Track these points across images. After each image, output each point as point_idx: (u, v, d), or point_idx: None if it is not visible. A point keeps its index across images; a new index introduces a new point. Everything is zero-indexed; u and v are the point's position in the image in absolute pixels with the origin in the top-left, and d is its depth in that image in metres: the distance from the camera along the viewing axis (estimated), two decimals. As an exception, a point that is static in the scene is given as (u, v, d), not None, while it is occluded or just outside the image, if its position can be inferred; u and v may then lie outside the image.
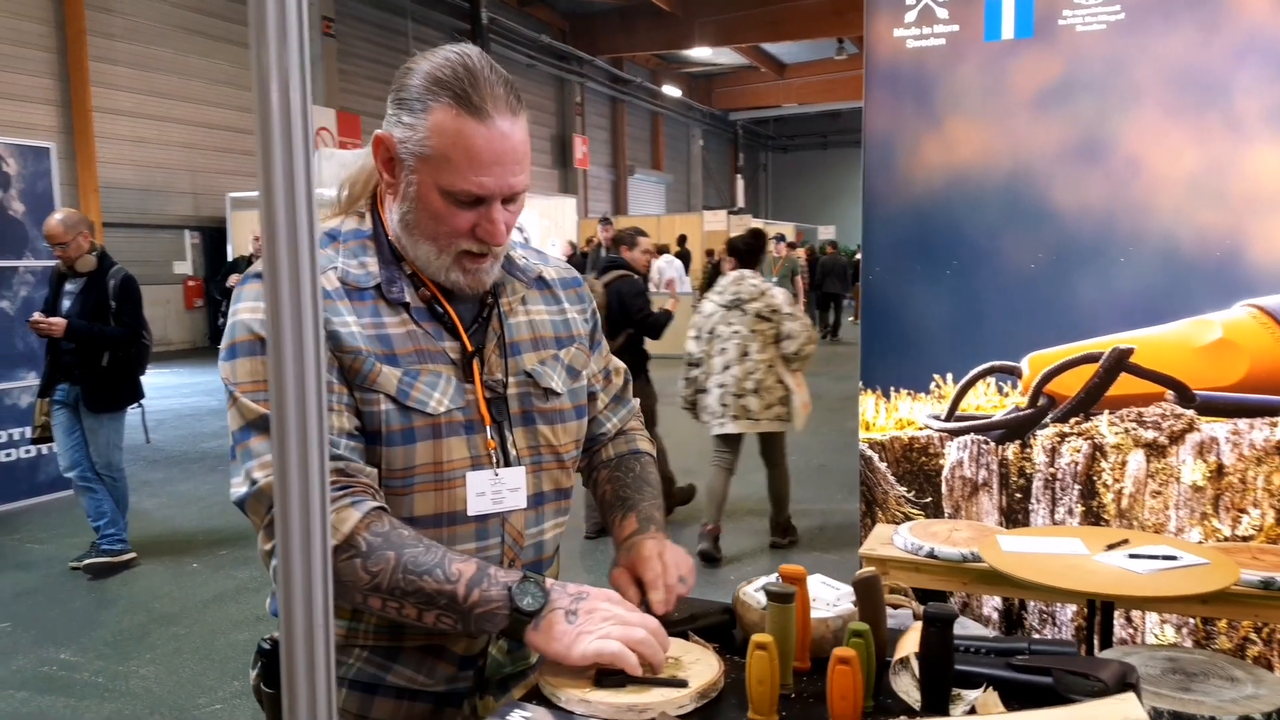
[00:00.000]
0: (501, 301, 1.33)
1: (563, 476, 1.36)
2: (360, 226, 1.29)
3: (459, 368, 1.26)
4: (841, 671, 1.01)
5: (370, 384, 1.19)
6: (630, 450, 1.52)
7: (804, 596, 1.16)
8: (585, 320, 1.46)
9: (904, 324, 3.45)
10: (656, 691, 1.09)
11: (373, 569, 1.13)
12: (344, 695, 1.27)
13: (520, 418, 1.30)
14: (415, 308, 1.25)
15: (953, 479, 3.49)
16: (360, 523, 1.13)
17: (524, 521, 1.29)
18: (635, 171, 24.70)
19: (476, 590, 1.13)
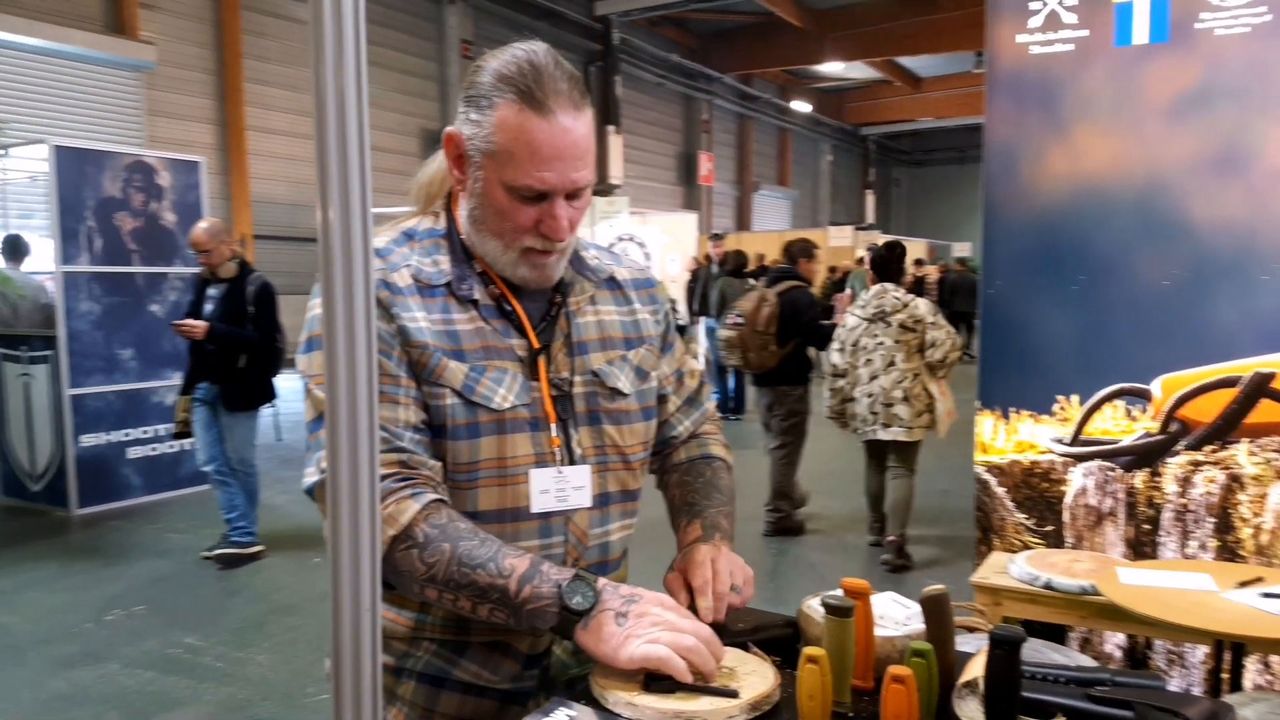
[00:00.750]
0: (570, 301, 1.33)
1: (629, 478, 1.35)
2: (435, 226, 1.32)
3: (525, 365, 1.26)
4: (895, 691, 0.96)
5: (437, 378, 1.21)
6: (702, 455, 1.50)
7: (865, 611, 1.11)
8: (657, 322, 1.44)
9: (1026, 341, 3.29)
10: (706, 700, 1.06)
11: (429, 560, 1.14)
12: (412, 688, 1.29)
13: (585, 417, 1.30)
14: (484, 305, 1.27)
15: (1076, 507, 3.31)
16: (419, 514, 1.15)
17: (588, 521, 1.29)
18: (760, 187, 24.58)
19: (528, 586, 1.13)
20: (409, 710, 1.30)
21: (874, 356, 4.98)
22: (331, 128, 0.86)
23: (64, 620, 4.18)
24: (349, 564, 0.97)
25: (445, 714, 1.29)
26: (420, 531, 1.15)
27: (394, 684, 1.31)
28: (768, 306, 5.29)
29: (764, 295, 5.38)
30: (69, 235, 5.88)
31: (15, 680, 3.56)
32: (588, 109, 1.22)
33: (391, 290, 1.23)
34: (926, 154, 32.88)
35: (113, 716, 3.27)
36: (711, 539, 1.33)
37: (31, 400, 6.11)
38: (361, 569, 0.97)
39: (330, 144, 0.85)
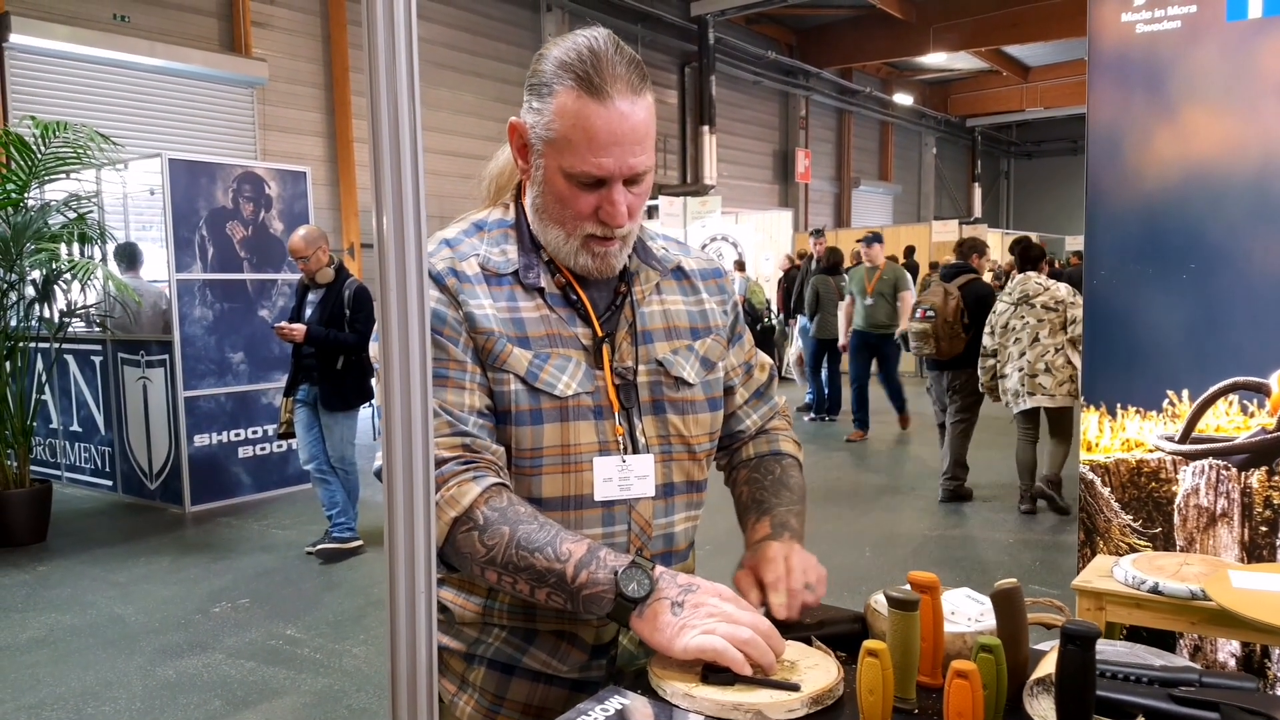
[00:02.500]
0: (635, 290, 1.33)
1: (694, 469, 1.34)
2: (504, 217, 1.33)
3: (589, 353, 1.27)
4: (959, 687, 0.91)
5: (501, 364, 1.22)
6: (771, 451, 1.48)
7: (934, 605, 1.06)
8: (725, 312, 1.43)
9: (1133, 334, 3.14)
10: (765, 692, 1.03)
11: (488, 542, 1.15)
12: (482, 674, 1.30)
13: (650, 406, 1.29)
14: (550, 293, 1.28)
15: (1186, 508, 3.14)
16: (479, 497, 1.16)
17: (652, 511, 1.28)
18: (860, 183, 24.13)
19: (585, 572, 1.12)
20: (479, 696, 1.30)
21: (1021, 335, 5.64)
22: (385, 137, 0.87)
23: (174, 611, 4.37)
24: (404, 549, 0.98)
25: (515, 701, 1.29)
26: (480, 514, 1.15)
27: (465, 670, 1.32)
28: (953, 299, 6.01)
29: (947, 290, 6.06)
30: (182, 244, 6.16)
31: (128, 668, 3.74)
32: (647, 94, 1.21)
33: (459, 278, 1.24)
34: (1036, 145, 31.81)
35: (216, 704, 3.40)
36: (781, 537, 1.31)
37: (149, 402, 6.42)
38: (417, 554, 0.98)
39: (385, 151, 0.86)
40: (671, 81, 18.24)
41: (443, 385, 1.21)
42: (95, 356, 6.78)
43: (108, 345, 6.68)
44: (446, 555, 1.18)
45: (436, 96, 15.85)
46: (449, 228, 1.33)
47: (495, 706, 1.30)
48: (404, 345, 0.90)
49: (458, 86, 16.20)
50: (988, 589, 1.08)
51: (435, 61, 15.90)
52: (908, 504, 6.35)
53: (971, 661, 0.95)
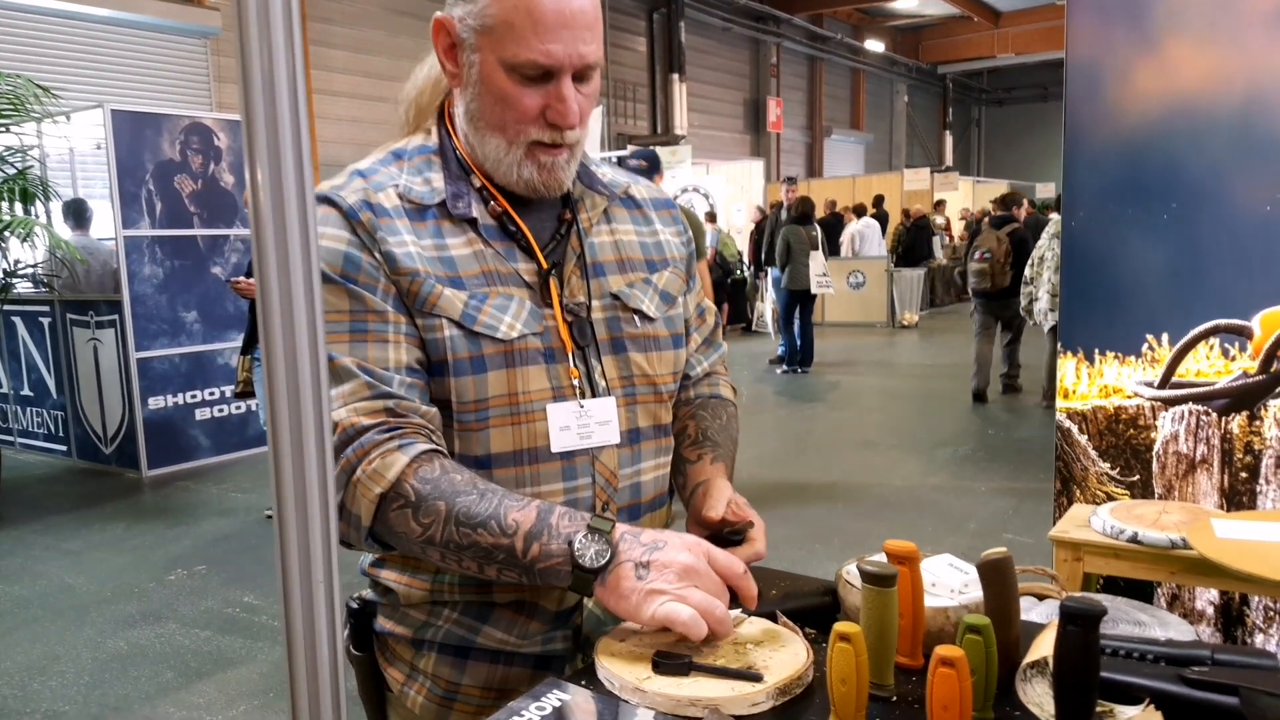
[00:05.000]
0: (580, 217, 1.19)
1: (661, 411, 1.22)
2: (426, 142, 1.19)
3: (534, 290, 1.13)
4: (944, 676, 0.79)
5: (431, 308, 1.08)
6: (713, 394, 1.36)
7: (912, 579, 0.94)
8: (682, 244, 1.31)
9: (1112, 277, 3.03)
10: (725, 684, 0.91)
11: (424, 521, 1.02)
12: (433, 660, 1.18)
13: (609, 345, 1.17)
14: (484, 225, 1.13)
15: (1165, 455, 3.06)
16: (407, 468, 1.02)
17: (617, 460, 1.15)
18: (832, 132, 23.88)
19: (536, 544, 1.00)
20: (432, 684, 1.18)
21: (1051, 264, 6.57)
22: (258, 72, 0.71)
23: (128, 580, 4.23)
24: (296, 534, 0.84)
25: (472, 685, 1.17)
26: (411, 487, 1.02)
27: (414, 657, 1.19)
28: (1003, 244, 7.55)
29: (999, 236, 7.64)
30: (129, 199, 5.91)
31: (77, 640, 3.60)
32: None
33: (375, 212, 1.10)
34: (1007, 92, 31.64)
35: (168, 676, 3.28)
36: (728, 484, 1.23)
37: (100, 364, 6.21)
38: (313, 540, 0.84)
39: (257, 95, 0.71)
40: (640, 29, 17.86)
41: (361, 340, 1.07)
42: (43, 318, 6.53)
43: (55, 306, 6.44)
44: (381, 535, 1.05)
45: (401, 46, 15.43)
46: (364, 159, 1.18)
47: (450, 694, 1.17)
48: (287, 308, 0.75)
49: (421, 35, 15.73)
50: (959, 538, 0.96)
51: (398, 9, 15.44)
52: (879, 456, 6.31)
53: (957, 645, 0.83)
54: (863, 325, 12.82)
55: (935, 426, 7.05)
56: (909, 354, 11.19)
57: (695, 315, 1.35)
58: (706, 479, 1.22)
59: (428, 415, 1.08)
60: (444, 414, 1.10)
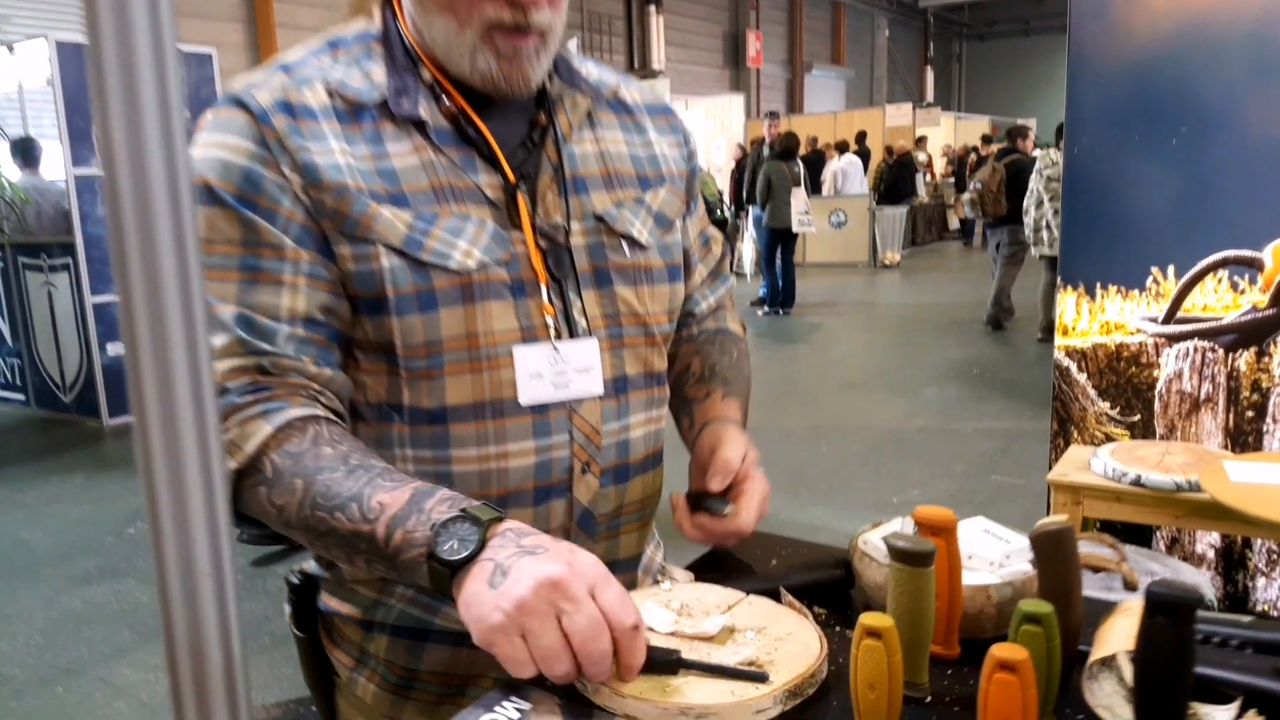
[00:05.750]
0: (558, 121, 0.98)
1: (653, 356, 1.03)
2: (369, 28, 0.97)
3: (499, 210, 0.93)
4: (1003, 682, 0.63)
5: (364, 233, 0.88)
6: (720, 328, 1.19)
7: (951, 555, 0.77)
8: (682, 158, 1.11)
9: (1116, 206, 2.87)
10: (721, 686, 0.75)
11: (277, 501, 0.84)
12: (385, 643, 1.00)
13: (591, 276, 0.97)
14: (436, 128, 0.93)
15: (1168, 394, 2.93)
16: (270, 439, 0.84)
17: (600, 414, 0.97)
18: (813, 68, 23.42)
19: (400, 531, 0.80)
20: (385, 671, 1.01)
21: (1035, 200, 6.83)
22: None
23: (86, 534, 4.03)
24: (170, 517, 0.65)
25: (432, 672, 0.99)
26: (270, 462, 0.84)
27: (363, 639, 1.02)
28: (997, 174, 7.65)
29: (995, 167, 7.76)
30: (78, 137, 5.59)
31: (31, 598, 3.43)
32: None
33: (293, 114, 0.89)
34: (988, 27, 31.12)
35: (125, 636, 3.11)
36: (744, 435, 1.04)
37: (55, 310, 5.93)
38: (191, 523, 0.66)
39: None
40: (615, -42, 17.32)
41: (250, 281, 0.87)
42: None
43: (6, 249, 6.14)
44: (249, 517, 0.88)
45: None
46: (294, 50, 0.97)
47: (406, 681, 1.00)
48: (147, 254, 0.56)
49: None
50: (945, 481, 0.79)
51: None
52: (864, 397, 6.19)
53: (1011, 636, 0.66)
54: (844, 265, 12.64)
55: (920, 367, 6.92)
56: (892, 294, 11.05)
57: (699, 244, 1.16)
58: (717, 418, 1.06)
59: (317, 375, 0.89)
60: (389, 360, 0.92)
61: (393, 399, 0.93)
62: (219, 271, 0.87)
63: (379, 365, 0.93)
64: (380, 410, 0.94)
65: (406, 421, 0.93)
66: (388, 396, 0.93)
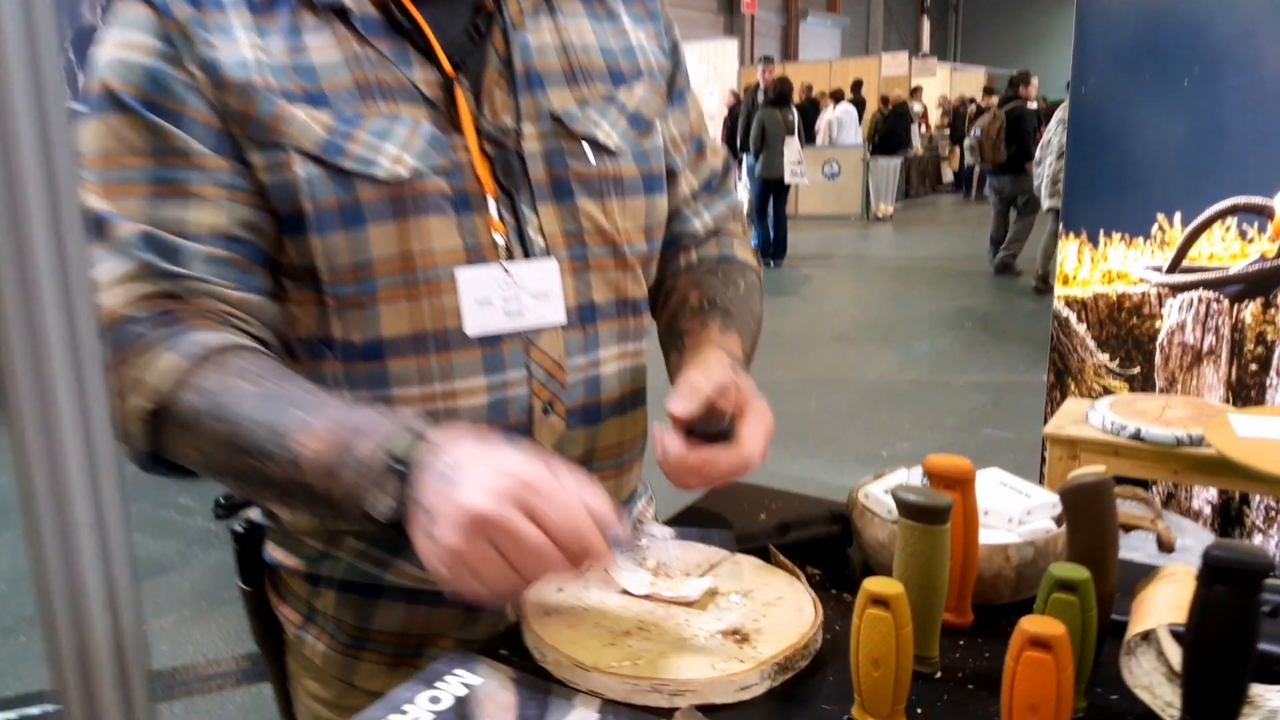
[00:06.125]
0: (507, 6, 0.85)
1: (626, 281, 0.90)
2: None
3: (437, 110, 0.80)
4: (1035, 662, 0.52)
5: (273, 136, 0.76)
6: (725, 256, 1.02)
7: (967, 511, 0.67)
8: (662, 51, 0.96)
9: (1122, 150, 2.75)
10: (701, 660, 0.65)
11: (199, 446, 0.73)
12: (334, 600, 0.89)
13: (548, 187, 0.84)
14: (362, 16, 0.79)
15: (1170, 346, 2.83)
16: (182, 374, 0.73)
17: (563, 345, 0.84)
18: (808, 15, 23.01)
19: (335, 484, 0.69)
20: (335, 629, 0.90)
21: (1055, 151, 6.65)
22: None
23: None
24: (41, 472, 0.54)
25: (385, 631, 0.89)
26: (184, 401, 0.73)
27: (310, 595, 0.91)
28: (997, 122, 7.69)
29: (995, 114, 7.85)
30: (46, 69, 5.40)
31: (-2, 545, 3.34)
32: None
33: (200, 4, 0.76)
34: (986, -24, 30.65)
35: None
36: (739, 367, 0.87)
37: None
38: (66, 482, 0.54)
39: None
40: (607, -101, 16.87)
41: (159, 196, 0.76)
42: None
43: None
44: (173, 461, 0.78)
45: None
46: None
47: (357, 641, 0.90)
48: None
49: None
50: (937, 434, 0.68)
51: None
52: (854, 350, 6.11)
53: (1050, 618, 0.56)
54: (836, 217, 12.48)
55: (912, 320, 6.83)
56: (884, 247, 10.92)
57: (689, 150, 1.01)
58: (707, 344, 0.89)
59: (240, 303, 0.78)
60: (316, 288, 0.80)
61: (323, 332, 0.81)
62: (123, 186, 0.76)
63: (307, 294, 0.81)
64: (311, 346, 0.83)
65: (339, 358, 0.81)
66: (318, 330, 0.82)
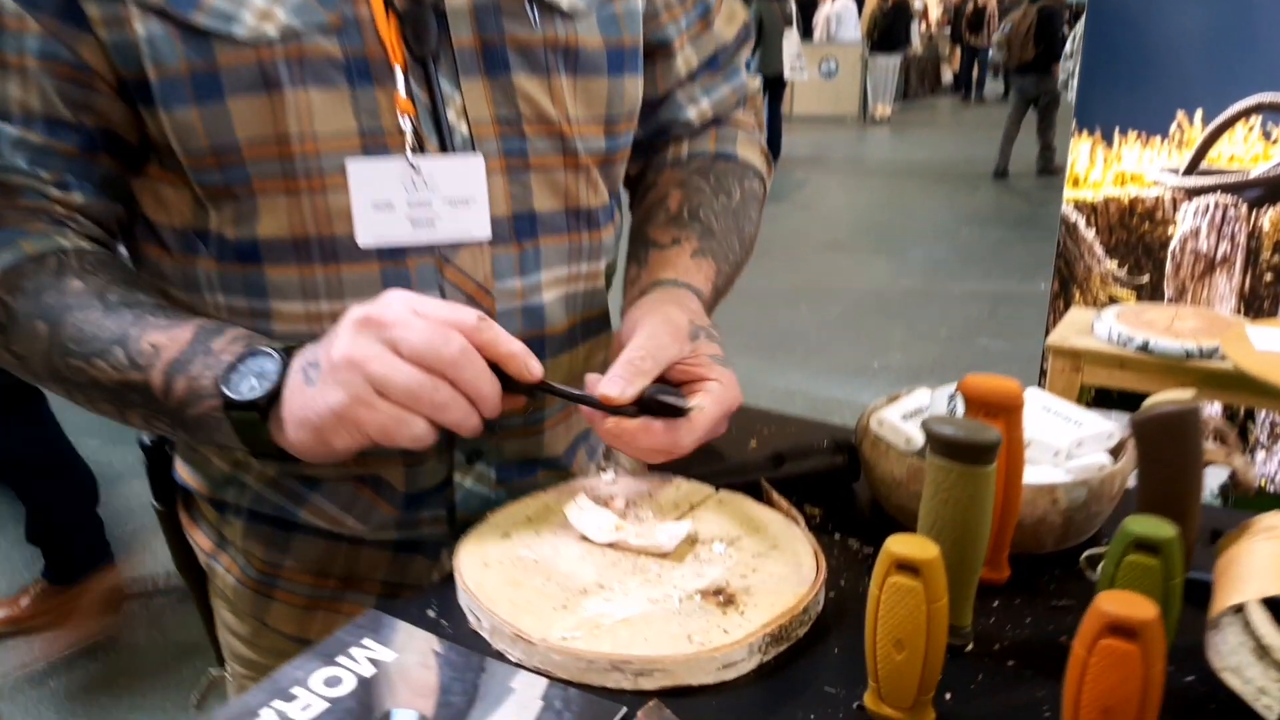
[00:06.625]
0: None
1: (578, 185, 0.72)
2: None
3: None
4: (1115, 654, 0.39)
5: None
6: (723, 153, 0.85)
7: (1011, 445, 0.53)
8: None
9: (1142, 41, 2.56)
10: (675, 628, 0.51)
11: (17, 349, 0.62)
12: (241, 530, 0.76)
13: (476, 57, 0.66)
14: None
15: (1182, 254, 2.69)
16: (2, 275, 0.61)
17: (490, 266, 0.68)
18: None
19: (181, 379, 0.59)
20: (244, 562, 0.77)
21: None
22: None
23: (16, 385, 3.80)
24: None
25: (302, 569, 0.76)
26: (5, 302, 0.62)
27: (218, 522, 0.78)
28: (1027, 19, 7.56)
29: (1026, 11, 7.67)
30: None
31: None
32: None
33: None
34: None
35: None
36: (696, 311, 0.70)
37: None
38: None
39: None
40: None
41: None
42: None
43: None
44: None
45: None
46: None
47: (268, 578, 0.77)
48: None
49: None
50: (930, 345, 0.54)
51: None
52: (847, 258, 5.94)
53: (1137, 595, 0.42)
54: (832, 118, 12.15)
55: (908, 226, 6.65)
56: (881, 149, 10.65)
57: (690, 14, 0.82)
58: (671, 280, 0.73)
59: (66, 201, 0.64)
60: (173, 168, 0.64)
61: (198, 223, 0.66)
62: None
63: (178, 175, 0.65)
64: (185, 238, 0.67)
65: (214, 255, 0.66)
66: (192, 219, 0.66)
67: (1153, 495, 0.50)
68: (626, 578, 0.55)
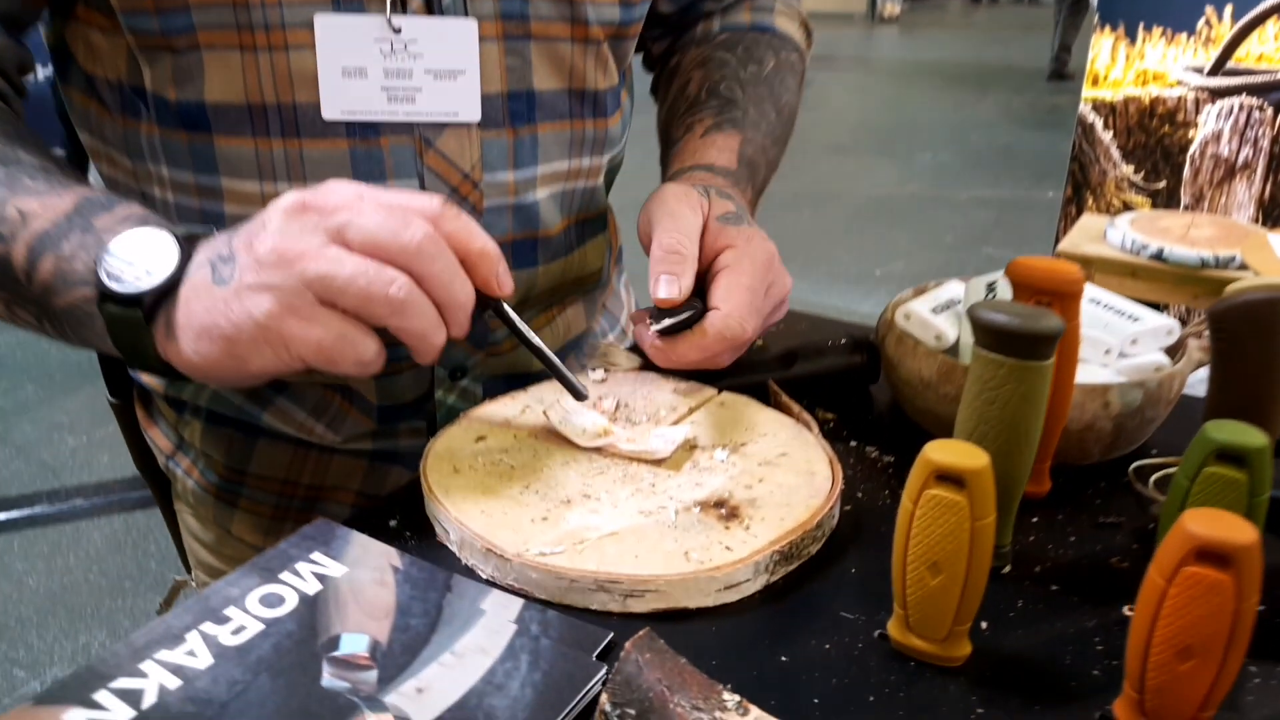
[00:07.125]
0: None
1: (587, 62, 0.63)
2: None
3: None
4: (1202, 584, 0.32)
5: None
6: (758, 24, 0.77)
7: (1069, 338, 0.46)
8: None
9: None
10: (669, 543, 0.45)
11: None
12: (199, 431, 0.69)
13: None
14: None
15: (1201, 158, 2.58)
16: None
17: (478, 152, 0.59)
18: None
19: (50, 256, 0.47)
20: (205, 467, 0.71)
21: None
22: None
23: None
24: None
25: (268, 475, 0.69)
26: None
27: (177, 422, 0.71)
28: None
29: None
30: None
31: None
32: None
33: None
34: None
35: (29, 390, 2.85)
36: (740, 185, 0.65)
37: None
38: None
39: None
40: None
41: None
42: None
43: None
44: None
45: None
46: None
47: (230, 485, 0.70)
48: None
49: None
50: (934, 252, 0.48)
51: None
52: (852, 161, 5.81)
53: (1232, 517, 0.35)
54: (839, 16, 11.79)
55: (915, 130, 6.47)
56: (889, 49, 10.33)
57: None
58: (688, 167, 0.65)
59: None
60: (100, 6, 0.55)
61: (134, 79, 0.57)
62: None
63: (107, 18, 0.55)
64: (123, 95, 0.58)
65: (154, 117, 0.57)
66: (128, 74, 0.57)
67: (1230, 398, 0.43)
68: (615, 487, 0.48)
